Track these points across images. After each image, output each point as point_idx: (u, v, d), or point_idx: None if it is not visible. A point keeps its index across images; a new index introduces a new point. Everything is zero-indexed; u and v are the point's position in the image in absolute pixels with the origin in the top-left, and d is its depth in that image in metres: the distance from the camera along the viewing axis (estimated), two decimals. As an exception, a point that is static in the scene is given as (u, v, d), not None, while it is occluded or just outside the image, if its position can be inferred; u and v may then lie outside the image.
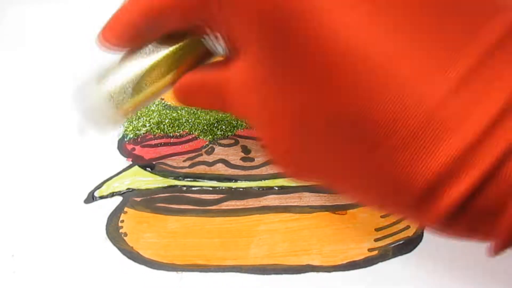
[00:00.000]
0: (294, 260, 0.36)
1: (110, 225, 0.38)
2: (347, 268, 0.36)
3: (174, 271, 0.36)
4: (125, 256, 0.37)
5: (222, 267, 0.36)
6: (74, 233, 0.38)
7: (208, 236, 0.37)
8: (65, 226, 0.38)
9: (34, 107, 0.44)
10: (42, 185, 0.40)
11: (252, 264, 0.36)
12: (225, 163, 0.40)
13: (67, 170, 0.41)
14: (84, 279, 0.36)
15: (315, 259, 0.36)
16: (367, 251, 0.36)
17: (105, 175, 0.40)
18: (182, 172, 0.40)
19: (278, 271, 0.36)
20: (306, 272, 0.36)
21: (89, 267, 0.37)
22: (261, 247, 0.37)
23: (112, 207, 0.39)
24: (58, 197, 0.39)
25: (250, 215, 0.38)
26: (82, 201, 0.39)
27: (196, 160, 0.41)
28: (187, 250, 0.37)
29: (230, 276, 0.36)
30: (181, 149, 0.41)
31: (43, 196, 0.40)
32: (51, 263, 0.37)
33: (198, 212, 0.38)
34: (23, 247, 0.38)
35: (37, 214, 0.39)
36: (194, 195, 0.39)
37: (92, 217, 0.38)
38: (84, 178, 0.40)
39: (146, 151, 0.41)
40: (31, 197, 0.40)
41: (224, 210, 0.38)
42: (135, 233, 0.38)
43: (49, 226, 0.38)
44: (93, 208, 0.39)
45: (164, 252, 0.37)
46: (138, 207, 0.39)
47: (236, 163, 0.40)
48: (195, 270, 0.36)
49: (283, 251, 0.37)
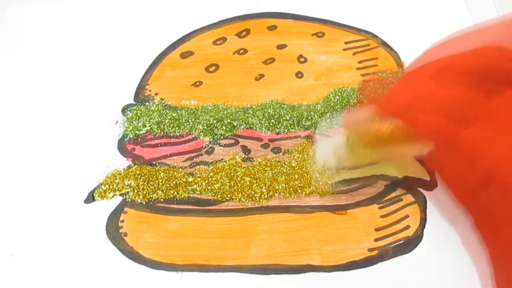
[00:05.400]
0: (294, 260, 0.36)
1: (110, 225, 0.38)
2: (347, 268, 0.36)
3: (174, 271, 0.36)
4: (125, 256, 0.37)
5: (222, 267, 0.36)
6: (74, 233, 0.38)
7: (208, 236, 0.37)
8: (65, 226, 0.38)
9: (34, 107, 0.44)
10: (42, 185, 0.40)
11: (252, 264, 0.36)
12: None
13: (67, 170, 0.41)
14: (84, 279, 0.36)
15: (315, 259, 0.36)
16: (367, 251, 0.36)
17: (105, 175, 0.40)
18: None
19: (278, 271, 0.36)
20: (306, 272, 0.36)
21: (89, 267, 0.37)
22: (261, 247, 0.37)
23: (112, 207, 0.39)
24: (58, 197, 0.39)
25: (250, 215, 0.38)
26: (82, 201, 0.39)
27: (196, 160, 0.41)
28: (187, 250, 0.37)
29: (230, 276, 0.36)
30: (181, 149, 0.41)
31: (43, 196, 0.40)
32: (51, 263, 0.37)
33: (198, 212, 0.38)
34: (23, 247, 0.38)
35: (37, 214, 0.39)
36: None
37: (92, 217, 0.38)
38: (84, 178, 0.40)
39: (146, 151, 0.41)
40: (31, 197, 0.40)
41: (224, 210, 0.38)
42: (135, 233, 0.38)
43: (49, 226, 0.38)
44: (93, 208, 0.39)
45: (164, 252, 0.37)
46: (138, 207, 0.39)
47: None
48: (195, 270, 0.36)
49: (283, 251, 0.37)
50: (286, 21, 0.48)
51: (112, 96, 0.44)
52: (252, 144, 0.41)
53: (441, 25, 0.47)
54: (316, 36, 0.47)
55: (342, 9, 0.49)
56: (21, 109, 0.44)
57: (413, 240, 0.36)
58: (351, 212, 0.38)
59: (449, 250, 0.36)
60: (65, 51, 0.48)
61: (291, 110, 0.42)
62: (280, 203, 0.39)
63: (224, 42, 0.47)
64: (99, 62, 0.47)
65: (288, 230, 0.37)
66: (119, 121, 0.43)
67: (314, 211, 0.38)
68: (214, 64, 0.46)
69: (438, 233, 0.36)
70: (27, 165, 0.41)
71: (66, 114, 0.44)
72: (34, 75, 0.46)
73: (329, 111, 0.42)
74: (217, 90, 0.44)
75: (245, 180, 0.39)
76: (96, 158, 0.41)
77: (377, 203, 0.38)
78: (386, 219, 0.37)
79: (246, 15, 0.49)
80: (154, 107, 0.43)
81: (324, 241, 0.37)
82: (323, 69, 0.45)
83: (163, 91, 0.45)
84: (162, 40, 0.48)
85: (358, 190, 0.39)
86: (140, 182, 0.39)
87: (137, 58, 0.46)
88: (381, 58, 0.45)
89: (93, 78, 0.46)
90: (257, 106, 0.43)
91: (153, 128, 0.42)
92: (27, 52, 0.48)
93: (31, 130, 0.43)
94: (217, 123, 0.42)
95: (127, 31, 0.49)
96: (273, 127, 0.42)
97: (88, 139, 0.42)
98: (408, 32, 0.47)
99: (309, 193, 0.38)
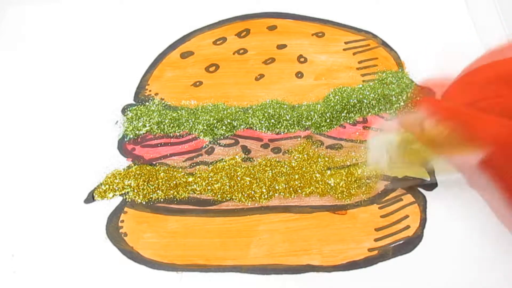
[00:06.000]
0: (294, 260, 0.36)
1: (110, 225, 0.38)
2: (347, 268, 0.36)
3: (174, 271, 0.36)
4: (125, 256, 0.37)
5: (222, 267, 0.36)
6: (74, 233, 0.38)
7: (208, 236, 0.38)
8: (65, 226, 0.38)
9: (34, 107, 0.44)
10: (42, 185, 0.40)
11: (252, 264, 0.36)
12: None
13: (67, 170, 0.41)
14: (84, 279, 0.36)
15: (315, 259, 0.36)
16: (367, 251, 0.36)
17: (105, 175, 0.40)
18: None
19: (278, 271, 0.36)
20: (306, 272, 0.36)
21: (89, 267, 0.37)
22: (261, 247, 0.37)
23: (112, 207, 0.39)
24: (58, 197, 0.39)
25: (250, 215, 0.38)
26: (82, 201, 0.39)
27: (196, 160, 0.41)
28: (187, 250, 0.37)
29: (230, 276, 0.36)
30: (181, 149, 0.41)
31: (43, 196, 0.40)
32: (51, 263, 0.37)
33: (198, 212, 0.38)
34: (23, 247, 0.38)
35: (37, 214, 0.39)
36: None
37: (92, 217, 0.38)
38: (84, 178, 0.40)
39: (146, 151, 0.41)
40: (31, 197, 0.40)
41: (224, 210, 0.38)
42: (135, 233, 0.38)
43: (49, 226, 0.38)
44: (93, 208, 0.39)
45: (164, 252, 0.37)
46: (138, 207, 0.39)
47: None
48: (195, 270, 0.36)
49: (283, 251, 0.37)
50: (286, 21, 0.48)
51: (112, 96, 0.44)
52: (252, 144, 0.41)
53: (441, 25, 0.47)
54: (316, 36, 0.47)
55: (342, 9, 0.49)
56: (21, 109, 0.44)
57: (413, 240, 0.36)
58: (351, 212, 0.38)
59: (449, 250, 0.36)
60: (65, 51, 0.48)
61: (291, 110, 0.42)
62: (280, 203, 0.39)
63: (224, 42, 0.47)
64: (99, 62, 0.47)
65: (288, 230, 0.37)
66: (119, 121, 0.43)
67: (314, 211, 0.38)
68: (214, 64, 0.46)
69: (438, 233, 0.36)
70: (27, 165, 0.41)
71: (66, 114, 0.44)
72: (34, 75, 0.46)
73: (329, 111, 0.42)
74: (217, 90, 0.44)
75: (245, 180, 0.39)
76: (96, 158, 0.41)
77: (377, 203, 0.38)
78: (386, 219, 0.37)
79: (246, 15, 0.49)
80: (154, 107, 0.43)
81: (324, 241, 0.37)
82: (323, 69, 0.45)
83: (163, 91, 0.45)
84: (162, 40, 0.48)
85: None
86: (140, 182, 0.39)
87: (137, 58, 0.46)
88: (381, 58, 0.45)
89: (93, 78, 0.46)
90: (257, 106, 0.43)
91: (153, 128, 0.42)
92: (27, 52, 0.48)
93: (31, 130, 0.43)
94: (217, 123, 0.42)
95: (127, 31, 0.49)
96: (273, 127, 0.42)
97: (88, 139, 0.42)
98: (408, 32, 0.47)
99: (309, 193, 0.38)
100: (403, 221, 0.37)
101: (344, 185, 0.38)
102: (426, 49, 0.45)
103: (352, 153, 0.40)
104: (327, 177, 0.39)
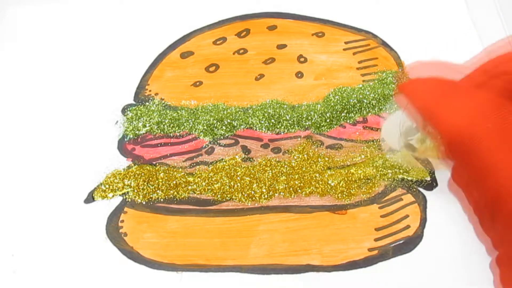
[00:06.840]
0: (294, 260, 0.36)
1: (110, 225, 0.38)
2: (347, 268, 0.36)
3: (174, 271, 0.36)
4: (125, 256, 0.37)
5: (222, 267, 0.36)
6: (74, 233, 0.38)
7: (208, 236, 0.37)
8: (65, 226, 0.38)
9: (34, 107, 0.44)
10: (42, 185, 0.40)
11: (252, 264, 0.36)
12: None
13: (67, 170, 0.41)
14: (84, 279, 0.36)
15: (315, 259, 0.36)
16: (367, 251, 0.36)
17: (105, 175, 0.40)
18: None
19: (278, 271, 0.36)
20: (306, 272, 0.36)
21: (89, 267, 0.37)
22: (261, 247, 0.37)
23: (112, 207, 0.39)
24: (58, 197, 0.39)
25: (250, 215, 0.38)
26: (82, 201, 0.39)
27: (196, 160, 0.41)
28: (187, 250, 0.37)
29: (230, 276, 0.36)
30: (181, 149, 0.41)
31: (43, 196, 0.40)
32: (51, 263, 0.37)
33: (198, 212, 0.38)
34: (23, 247, 0.38)
35: (37, 214, 0.39)
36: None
37: (92, 217, 0.38)
38: (84, 178, 0.40)
39: (146, 151, 0.41)
40: (31, 197, 0.40)
41: (224, 210, 0.38)
42: (135, 233, 0.38)
43: (49, 226, 0.38)
44: (93, 208, 0.39)
45: (164, 252, 0.37)
46: (138, 207, 0.39)
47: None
48: (195, 270, 0.36)
49: (283, 251, 0.37)
50: (286, 21, 0.48)
51: (112, 96, 0.44)
52: (252, 144, 0.41)
53: (441, 25, 0.47)
54: (316, 36, 0.47)
55: (342, 9, 0.49)
56: (21, 109, 0.44)
57: (413, 240, 0.36)
58: (351, 212, 0.38)
59: (449, 250, 0.36)
60: (65, 51, 0.48)
61: (291, 110, 0.42)
62: (280, 203, 0.39)
63: (224, 42, 0.47)
64: (99, 62, 0.47)
65: (288, 230, 0.37)
66: (119, 121, 0.43)
67: (314, 211, 0.38)
68: (214, 64, 0.46)
69: (438, 233, 0.36)
70: (27, 165, 0.41)
71: (66, 114, 0.44)
72: (34, 75, 0.46)
73: (329, 111, 0.42)
74: (217, 90, 0.44)
75: (245, 180, 0.39)
76: (96, 158, 0.41)
77: (377, 203, 0.38)
78: (386, 219, 0.37)
79: (246, 15, 0.49)
80: (154, 107, 0.43)
81: (324, 241, 0.37)
82: (323, 69, 0.45)
83: (163, 91, 0.45)
84: (162, 40, 0.48)
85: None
86: (140, 182, 0.39)
87: (137, 58, 0.46)
88: (381, 58, 0.45)
89: (93, 78, 0.46)
90: (257, 106, 0.43)
91: (153, 128, 0.42)
92: (27, 52, 0.48)
93: (31, 130, 0.43)
94: (217, 123, 0.42)
95: (127, 31, 0.49)
96: (273, 127, 0.42)
97: (88, 139, 0.42)
98: (408, 32, 0.47)
99: (309, 193, 0.38)
100: (403, 220, 0.37)
101: (344, 185, 0.38)
102: (426, 49, 0.45)
103: (352, 153, 0.40)
104: (327, 177, 0.39)
